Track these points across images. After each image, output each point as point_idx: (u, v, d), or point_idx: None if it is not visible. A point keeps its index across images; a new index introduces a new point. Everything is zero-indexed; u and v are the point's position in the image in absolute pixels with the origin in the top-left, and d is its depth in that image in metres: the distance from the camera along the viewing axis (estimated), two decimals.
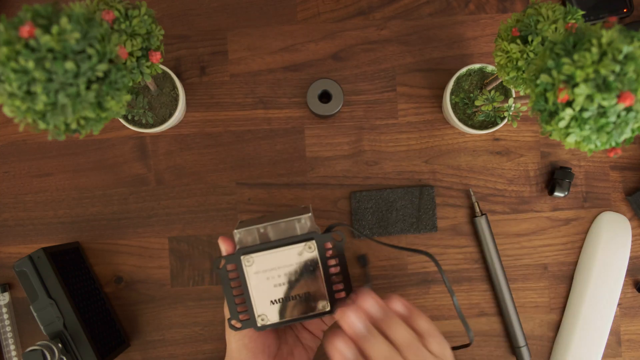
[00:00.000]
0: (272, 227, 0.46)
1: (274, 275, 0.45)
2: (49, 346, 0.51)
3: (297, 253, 0.45)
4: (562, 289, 0.64)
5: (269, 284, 0.45)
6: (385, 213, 0.62)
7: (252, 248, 0.45)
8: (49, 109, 0.34)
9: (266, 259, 0.45)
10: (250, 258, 0.45)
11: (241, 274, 0.45)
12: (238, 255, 0.45)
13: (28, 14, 0.32)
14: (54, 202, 0.63)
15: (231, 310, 0.46)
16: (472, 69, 0.59)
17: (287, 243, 0.45)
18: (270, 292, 0.45)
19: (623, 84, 0.33)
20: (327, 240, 0.45)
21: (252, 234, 0.46)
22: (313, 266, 0.45)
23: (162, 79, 0.58)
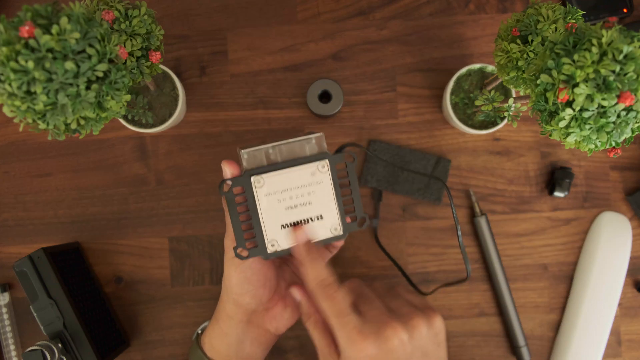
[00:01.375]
0: (280, 147, 0.43)
1: (285, 197, 0.42)
2: (49, 346, 0.51)
3: (309, 173, 0.42)
4: (562, 289, 0.64)
5: (280, 206, 0.42)
6: (397, 170, 0.62)
7: (263, 169, 0.42)
8: (49, 109, 0.34)
9: (277, 180, 0.42)
10: (260, 179, 0.42)
11: (250, 197, 0.42)
12: (247, 177, 0.42)
13: (28, 14, 0.32)
14: (54, 202, 0.63)
15: (238, 237, 0.42)
16: (472, 69, 0.59)
17: (298, 163, 0.42)
18: (281, 215, 0.43)
19: (623, 84, 0.33)
20: (340, 160, 0.43)
21: (259, 155, 0.42)
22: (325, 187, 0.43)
23: (162, 79, 0.58)
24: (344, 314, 0.41)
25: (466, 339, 0.63)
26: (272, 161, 0.43)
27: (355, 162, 0.44)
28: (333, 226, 0.44)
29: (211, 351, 0.49)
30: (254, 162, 0.42)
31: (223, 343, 0.49)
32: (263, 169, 0.42)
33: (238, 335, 0.48)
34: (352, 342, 0.40)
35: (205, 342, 0.50)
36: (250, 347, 0.49)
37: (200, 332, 0.53)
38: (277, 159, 0.43)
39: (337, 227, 0.44)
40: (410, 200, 0.63)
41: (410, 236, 0.63)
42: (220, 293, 0.49)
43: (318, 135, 0.43)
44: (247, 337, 0.49)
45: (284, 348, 0.63)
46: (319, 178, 0.43)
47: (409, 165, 0.62)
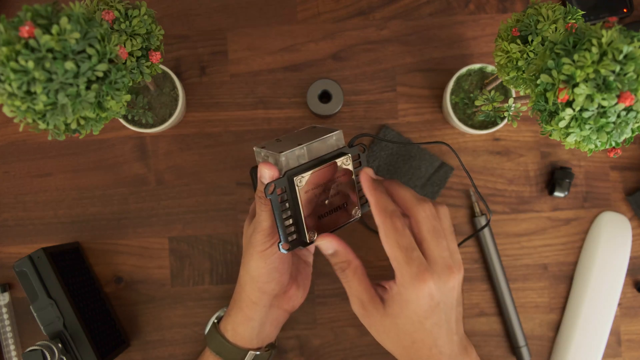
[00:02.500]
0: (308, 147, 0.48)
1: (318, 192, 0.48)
2: (49, 346, 0.51)
3: (336, 168, 0.48)
4: (562, 289, 0.64)
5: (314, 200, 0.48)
6: (400, 162, 0.63)
7: (300, 169, 0.47)
8: (49, 109, 0.34)
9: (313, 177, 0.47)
10: (301, 178, 0.46)
11: (290, 195, 0.47)
12: (289, 178, 0.46)
13: (28, 14, 0.32)
14: (54, 202, 0.63)
15: (282, 233, 0.47)
16: (472, 69, 0.59)
17: (327, 159, 0.48)
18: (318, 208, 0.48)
19: (623, 84, 0.33)
20: (355, 152, 0.49)
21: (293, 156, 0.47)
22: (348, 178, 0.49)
23: (162, 79, 0.58)
24: (412, 249, 0.44)
25: None
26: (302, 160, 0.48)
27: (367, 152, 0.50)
28: (354, 210, 0.50)
29: (234, 336, 0.54)
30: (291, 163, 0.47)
31: (248, 327, 0.53)
32: (300, 169, 0.47)
33: (262, 319, 0.53)
34: (420, 277, 0.43)
35: (228, 329, 0.54)
36: (269, 328, 0.54)
37: (216, 321, 0.56)
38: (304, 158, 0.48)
39: (357, 210, 0.50)
40: None
41: None
42: (239, 283, 0.54)
43: (338, 132, 0.49)
44: (267, 319, 0.54)
45: (284, 348, 0.63)
46: (343, 171, 0.49)
47: (413, 161, 0.62)
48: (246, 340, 0.53)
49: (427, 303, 0.45)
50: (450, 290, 0.45)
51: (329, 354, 0.63)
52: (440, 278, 0.45)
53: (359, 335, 0.63)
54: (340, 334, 0.63)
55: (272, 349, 0.55)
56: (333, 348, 0.63)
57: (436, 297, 0.45)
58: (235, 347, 0.53)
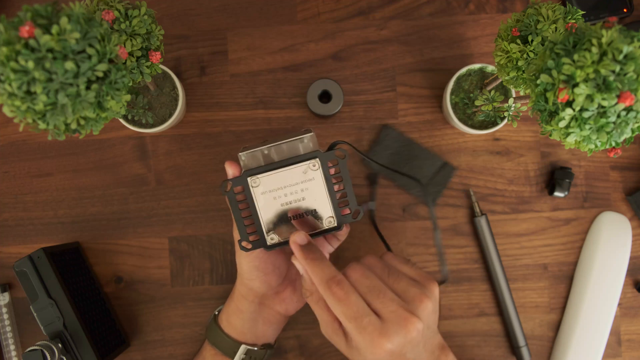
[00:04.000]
0: (275, 148, 0.47)
1: (280, 195, 0.47)
2: (49, 346, 0.51)
3: (301, 172, 0.46)
4: (562, 289, 0.64)
5: (276, 203, 0.47)
6: (401, 161, 0.62)
7: (258, 169, 0.46)
8: (49, 109, 0.34)
9: (272, 179, 0.46)
10: (256, 179, 0.46)
11: (248, 195, 0.46)
12: (244, 177, 0.46)
13: (28, 14, 0.32)
14: (54, 202, 0.63)
15: (241, 231, 0.47)
16: (472, 69, 0.59)
17: (291, 163, 0.46)
18: (279, 212, 0.47)
19: (623, 84, 0.33)
20: (330, 158, 0.47)
21: (256, 156, 0.47)
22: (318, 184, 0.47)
23: (162, 79, 0.58)
24: (361, 316, 0.41)
25: (466, 339, 0.63)
26: (268, 160, 0.47)
27: (346, 159, 0.47)
28: (327, 219, 0.48)
29: (228, 327, 0.54)
30: (251, 163, 0.47)
31: (238, 319, 0.54)
32: (259, 169, 0.46)
33: (251, 313, 0.53)
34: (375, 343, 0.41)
35: (223, 319, 0.55)
36: (262, 326, 0.54)
37: (217, 313, 0.58)
38: (273, 159, 0.47)
39: (332, 219, 0.48)
40: (410, 200, 0.63)
41: (410, 236, 0.63)
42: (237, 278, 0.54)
43: (310, 135, 0.47)
44: (259, 316, 0.54)
45: (284, 348, 0.63)
46: (310, 175, 0.47)
47: (414, 160, 0.62)
48: (239, 332, 0.54)
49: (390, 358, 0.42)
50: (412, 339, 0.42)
51: (329, 354, 0.63)
52: (398, 334, 0.42)
53: None
54: None
55: (269, 348, 0.55)
56: (333, 348, 0.63)
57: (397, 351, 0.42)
58: (229, 339, 0.54)
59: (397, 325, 0.42)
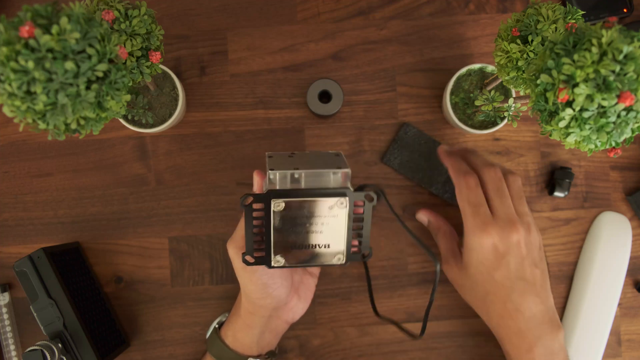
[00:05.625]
0: (306, 174, 0.45)
1: (299, 222, 0.45)
2: (49, 346, 0.51)
3: (327, 206, 0.45)
4: (562, 289, 0.64)
5: (293, 230, 0.46)
6: (422, 160, 0.62)
7: (285, 192, 0.44)
8: (49, 109, 0.34)
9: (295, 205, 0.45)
10: (281, 202, 0.44)
11: (267, 214, 0.45)
12: (268, 197, 0.44)
13: (28, 14, 0.32)
14: (54, 202, 0.63)
15: (248, 246, 0.46)
16: (472, 69, 0.59)
17: (319, 194, 0.45)
18: (292, 237, 0.46)
19: (623, 84, 0.33)
20: (359, 198, 0.46)
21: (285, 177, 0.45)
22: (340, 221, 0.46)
23: (162, 79, 0.58)
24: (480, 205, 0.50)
25: (466, 339, 0.63)
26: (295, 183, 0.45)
27: (375, 203, 0.46)
28: (337, 255, 0.47)
29: (234, 343, 0.54)
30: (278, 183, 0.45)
31: (247, 335, 0.54)
32: (285, 192, 0.44)
33: (261, 328, 0.53)
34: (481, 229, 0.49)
35: (229, 335, 0.55)
36: (269, 337, 0.55)
37: (217, 326, 0.57)
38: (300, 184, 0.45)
39: (341, 257, 0.47)
40: (410, 200, 0.63)
41: (411, 236, 0.63)
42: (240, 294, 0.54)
43: (345, 171, 0.46)
44: (267, 328, 0.54)
45: (284, 348, 0.63)
46: (335, 212, 0.45)
47: (434, 159, 0.62)
48: (246, 347, 0.54)
49: (491, 253, 0.50)
50: (515, 244, 0.49)
51: (328, 354, 0.63)
52: (503, 230, 0.49)
53: (359, 336, 0.63)
54: (340, 334, 0.63)
55: (272, 356, 0.56)
56: (333, 348, 0.63)
57: (500, 248, 0.49)
58: (235, 353, 0.53)
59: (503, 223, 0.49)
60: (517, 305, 0.50)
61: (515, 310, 0.50)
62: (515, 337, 0.51)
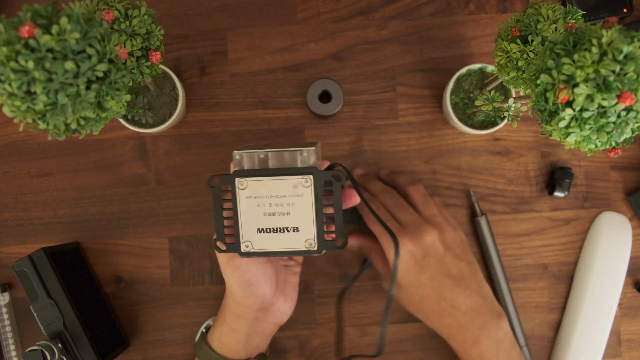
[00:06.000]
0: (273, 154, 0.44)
1: (265, 204, 0.44)
2: (49, 346, 0.51)
3: (292, 185, 0.43)
4: (562, 289, 0.64)
5: (259, 211, 0.44)
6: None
7: (249, 172, 0.44)
8: (49, 109, 0.34)
9: (260, 185, 0.43)
10: (244, 182, 0.43)
11: (233, 196, 0.44)
12: (233, 177, 0.44)
13: (28, 14, 0.32)
14: (54, 202, 0.63)
15: (218, 231, 0.44)
16: (472, 69, 0.59)
17: (284, 173, 0.43)
18: (259, 219, 0.44)
19: (623, 84, 0.33)
20: (326, 177, 0.43)
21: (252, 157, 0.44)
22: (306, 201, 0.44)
23: (162, 79, 0.58)
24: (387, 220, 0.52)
25: None
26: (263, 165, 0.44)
27: (343, 182, 0.44)
28: (308, 241, 0.45)
29: (220, 347, 0.53)
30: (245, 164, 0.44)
31: (233, 339, 0.52)
32: (249, 172, 0.44)
33: (247, 331, 0.52)
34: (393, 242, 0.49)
35: (214, 339, 0.53)
36: (256, 340, 0.53)
37: (205, 331, 0.55)
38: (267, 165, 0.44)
39: (312, 242, 0.44)
40: None
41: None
42: (225, 296, 0.53)
43: (310, 149, 0.44)
44: (254, 331, 0.52)
45: (284, 348, 0.63)
46: (300, 191, 0.43)
47: None
48: (233, 351, 0.52)
49: (411, 260, 0.50)
50: (430, 245, 0.51)
51: (329, 354, 0.63)
52: (414, 235, 0.50)
53: (359, 336, 0.63)
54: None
55: (263, 359, 0.55)
56: (333, 348, 0.63)
57: (417, 253, 0.51)
58: (222, 358, 0.52)
59: (412, 229, 0.51)
60: (451, 301, 0.50)
61: (450, 307, 0.50)
62: (458, 334, 0.51)
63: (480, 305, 0.50)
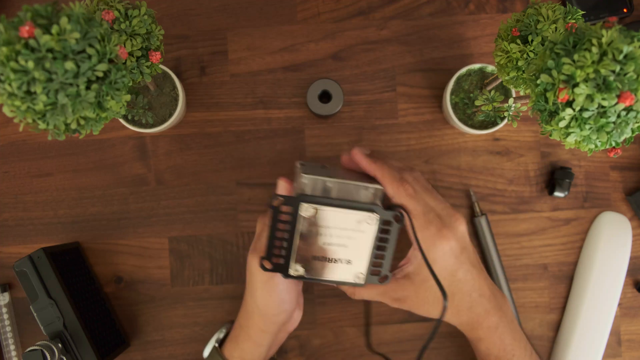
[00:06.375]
0: (339, 185, 0.44)
1: (325, 233, 0.44)
2: (49, 346, 0.51)
3: (356, 220, 0.44)
4: (562, 289, 0.64)
5: (317, 239, 0.44)
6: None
7: (315, 199, 0.43)
8: (49, 109, 0.34)
9: (324, 215, 0.44)
10: (310, 208, 0.43)
11: (293, 219, 0.43)
12: (298, 200, 0.43)
13: (28, 14, 0.32)
14: (54, 202, 0.63)
15: (268, 250, 0.44)
16: (472, 69, 0.59)
17: (348, 206, 0.44)
18: (315, 247, 0.45)
19: (623, 84, 0.33)
20: (387, 217, 0.45)
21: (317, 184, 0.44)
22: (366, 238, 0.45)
23: (162, 79, 0.58)
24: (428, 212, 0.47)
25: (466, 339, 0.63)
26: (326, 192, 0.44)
27: (402, 225, 0.45)
28: (357, 274, 0.46)
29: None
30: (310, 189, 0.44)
31: (256, 353, 0.52)
32: (316, 199, 0.43)
33: (269, 344, 0.53)
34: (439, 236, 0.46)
35: (235, 355, 0.53)
36: (273, 350, 0.56)
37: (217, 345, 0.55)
38: (331, 193, 0.44)
39: (360, 276, 0.46)
40: None
41: None
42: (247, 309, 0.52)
43: (378, 188, 0.45)
44: (274, 343, 0.55)
45: (284, 348, 0.63)
46: (363, 228, 0.45)
47: None
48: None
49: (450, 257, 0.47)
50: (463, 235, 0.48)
51: (329, 354, 0.63)
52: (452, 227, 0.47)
53: (359, 335, 0.63)
54: (340, 334, 0.63)
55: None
56: (333, 348, 0.63)
57: (456, 248, 0.47)
58: None
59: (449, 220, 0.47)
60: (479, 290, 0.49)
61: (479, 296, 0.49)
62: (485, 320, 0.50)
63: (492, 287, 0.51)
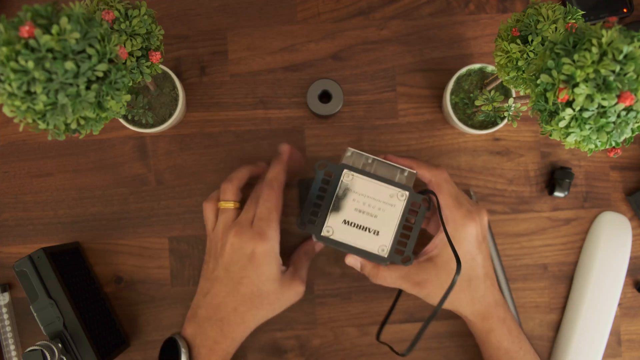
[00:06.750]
0: (378, 163, 0.51)
1: (360, 200, 0.50)
2: (49, 346, 0.51)
3: (389, 194, 0.50)
4: (562, 289, 0.64)
5: (353, 205, 0.50)
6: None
7: (356, 169, 0.50)
8: (49, 109, 0.34)
9: (362, 184, 0.50)
10: (351, 174, 0.49)
11: (334, 184, 0.50)
12: (342, 168, 0.50)
13: (28, 14, 0.33)
14: (54, 202, 0.63)
15: (305, 212, 0.50)
16: (472, 69, 0.59)
17: (385, 181, 0.50)
18: (349, 212, 0.50)
19: (623, 84, 0.33)
20: (417, 199, 0.50)
21: (359, 158, 0.51)
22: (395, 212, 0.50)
23: (162, 79, 0.58)
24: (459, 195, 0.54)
25: (466, 339, 0.63)
26: (366, 169, 0.51)
27: (430, 209, 0.51)
28: (382, 247, 0.50)
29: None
30: (351, 161, 0.51)
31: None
32: (357, 169, 0.50)
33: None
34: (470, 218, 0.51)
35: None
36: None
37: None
38: (370, 169, 0.51)
39: (385, 249, 0.50)
40: None
41: None
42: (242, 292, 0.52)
43: (412, 172, 0.52)
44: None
45: (284, 348, 0.63)
46: (393, 202, 0.50)
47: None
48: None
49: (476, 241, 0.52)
50: (485, 226, 0.53)
51: (328, 354, 0.63)
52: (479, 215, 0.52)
53: (359, 335, 0.63)
54: (340, 334, 0.63)
55: None
56: (333, 348, 0.63)
57: (479, 234, 0.52)
58: None
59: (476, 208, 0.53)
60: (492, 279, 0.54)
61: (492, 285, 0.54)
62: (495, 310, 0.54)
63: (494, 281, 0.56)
